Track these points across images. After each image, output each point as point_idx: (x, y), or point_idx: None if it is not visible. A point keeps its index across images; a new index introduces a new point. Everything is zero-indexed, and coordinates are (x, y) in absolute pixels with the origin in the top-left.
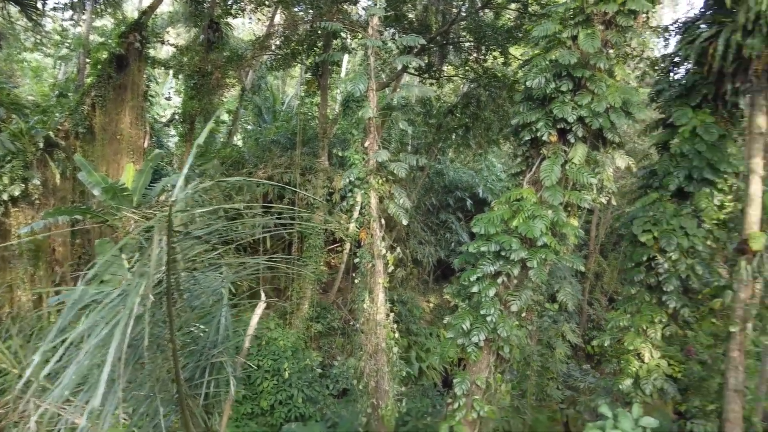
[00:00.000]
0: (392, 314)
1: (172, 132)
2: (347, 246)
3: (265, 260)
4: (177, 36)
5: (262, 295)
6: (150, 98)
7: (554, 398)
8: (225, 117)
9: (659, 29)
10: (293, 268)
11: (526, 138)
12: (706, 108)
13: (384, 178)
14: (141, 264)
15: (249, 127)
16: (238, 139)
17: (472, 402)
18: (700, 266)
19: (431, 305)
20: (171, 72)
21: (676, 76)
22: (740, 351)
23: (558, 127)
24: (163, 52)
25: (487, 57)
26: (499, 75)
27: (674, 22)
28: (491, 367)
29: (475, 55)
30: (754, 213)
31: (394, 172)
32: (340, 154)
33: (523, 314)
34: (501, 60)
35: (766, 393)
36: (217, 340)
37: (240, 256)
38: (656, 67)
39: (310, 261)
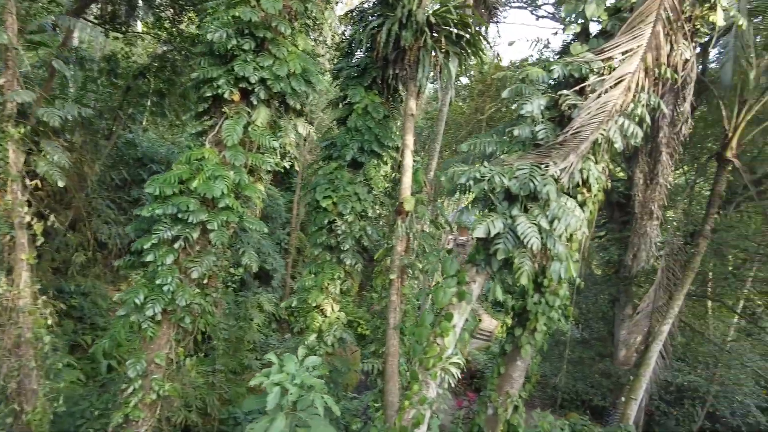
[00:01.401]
0: (44, 297)
1: None
2: None
3: None
4: None
5: None
6: None
7: (254, 368)
8: None
9: (342, 16)
10: None
11: (207, 94)
12: (375, 89)
13: (28, 128)
14: None
15: None
16: None
17: (150, 383)
18: (370, 227)
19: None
20: None
21: (354, 59)
22: (398, 295)
23: (241, 86)
24: None
25: (182, 18)
26: (196, 40)
27: (353, 9)
28: (172, 342)
29: (169, 13)
30: (406, 180)
31: (44, 119)
32: None
33: (205, 281)
34: (197, 23)
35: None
36: None
37: None
38: (339, 50)
39: None
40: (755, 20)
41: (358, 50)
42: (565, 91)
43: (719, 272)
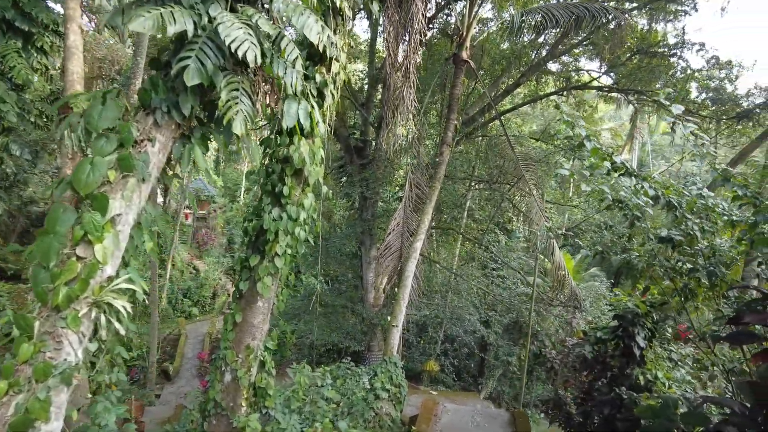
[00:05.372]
0: None
1: None
2: None
3: None
4: None
5: None
6: None
7: None
8: None
9: None
10: None
11: None
12: None
13: None
14: None
15: None
16: None
17: None
18: (17, 145)
19: None
20: None
21: None
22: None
23: None
24: None
25: None
26: None
27: None
28: None
29: None
30: (75, 69)
31: None
32: None
33: None
34: None
35: None
36: None
37: None
38: None
39: None
40: None
41: None
42: None
43: (449, 202)
